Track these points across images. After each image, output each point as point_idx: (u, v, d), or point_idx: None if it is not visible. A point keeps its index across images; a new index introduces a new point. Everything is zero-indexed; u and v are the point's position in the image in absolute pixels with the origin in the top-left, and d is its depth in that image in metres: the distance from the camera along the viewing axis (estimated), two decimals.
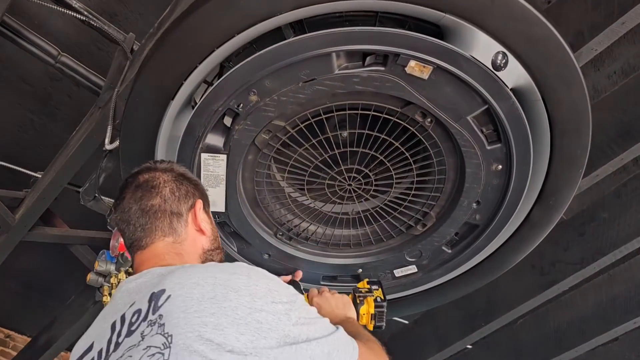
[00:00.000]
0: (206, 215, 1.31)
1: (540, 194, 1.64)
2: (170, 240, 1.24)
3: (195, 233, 1.27)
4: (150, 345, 0.99)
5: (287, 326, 1.01)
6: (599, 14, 1.81)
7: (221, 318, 0.97)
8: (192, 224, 1.28)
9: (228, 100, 1.42)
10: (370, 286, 1.65)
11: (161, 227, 1.24)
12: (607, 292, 2.66)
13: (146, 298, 1.06)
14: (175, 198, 1.27)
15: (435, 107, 1.42)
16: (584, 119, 1.49)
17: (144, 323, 1.03)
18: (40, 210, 2.34)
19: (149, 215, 1.25)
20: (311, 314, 1.09)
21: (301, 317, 1.04)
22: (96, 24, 2.08)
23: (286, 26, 1.39)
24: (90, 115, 2.17)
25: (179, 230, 1.25)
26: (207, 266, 1.13)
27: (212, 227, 1.32)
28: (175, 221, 1.25)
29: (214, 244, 1.30)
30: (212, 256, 1.28)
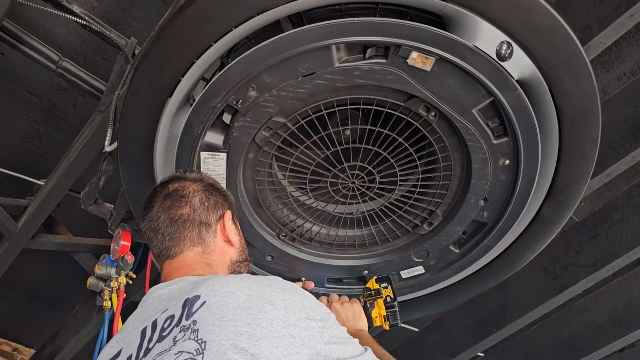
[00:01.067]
0: (234, 227, 1.33)
1: (550, 190, 1.59)
2: (199, 251, 1.25)
3: (224, 244, 1.28)
4: (182, 351, 0.98)
5: (320, 344, 1.00)
6: (607, 6, 1.77)
7: (256, 329, 0.96)
8: (220, 234, 1.28)
9: (226, 96, 1.39)
10: (379, 285, 1.63)
11: (190, 237, 1.25)
12: (622, 297, 2.59)
13: (180, 304, 1.05)
14: (204, 208, 1.28)
15: (439, 100, 1.39)
16: (593, 111, 1.44)
17: (176, 328, 1.02)
18: (43, 217, 2.32)
19: (177, 225, 1.26)
20: (343, 334, 1.09)
21: (333, 336, 1.04)
22: (97, 29, 2.07)
23: (285, 19, 1.37)
24: (92, 120, 2.15)
25: (208, 241, 1.26)
26: (242, 276, 1.13)
27: (240, 239, 1.33)
28: (204, 231, 1.26)
29: (241, 256, 1.31)
30: (239, 268, 1.29)
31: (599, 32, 1.78)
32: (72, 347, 2.79)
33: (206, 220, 1.27)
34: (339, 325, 1.10)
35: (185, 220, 1.26)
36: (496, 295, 2.59)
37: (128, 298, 2.42)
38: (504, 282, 2.05)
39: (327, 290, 1.82)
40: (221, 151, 1.50)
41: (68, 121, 3.17)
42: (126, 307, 2.35)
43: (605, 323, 2.61)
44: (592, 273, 2.34)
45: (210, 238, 1.26)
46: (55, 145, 3.25)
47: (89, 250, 2.56)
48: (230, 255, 1.29)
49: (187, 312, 1.03)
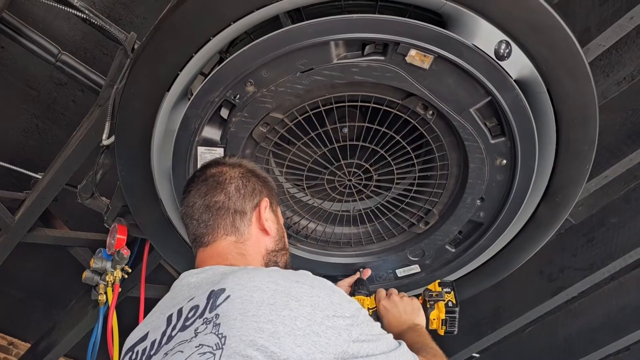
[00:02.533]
0: (273, 215, 1.29)
1: (547, 191, 1.59)
2: (232, 240, 1.22)
3: (259, 233, 1.25)
4: (202, 344, 0.97)
5: (347, 342, 0.98)
6: (607, 9, 1.77)
7: (279, 326, 0.94)
8: (256, 223, 1.26)
9: (224, 90, 1.39)
10: (441, 289, 1.59)
11: (224, 225, 1.23)
12: (617, 300, 2.60)
13: (205, 295, 1.04)
14: (240, 195, 1.25)
15: (436, 98, 1.39)
16: (591, 113, 1.45)
17: (199, 320, 1.01)
18: (40, 211, 2.32)
19: (212, 212, 1.24)
20: (374, 330, 1.06)
21: (363, 333, 1.02)
22: (97, 23, 2.07)
23: (284, 15, 1.36)
24: (90, 114, 2.15)
25: (242, 229, 1.23)
26: (270, 270, 1.11)
27: (279, 227, 1.30)
28: (238, 220, 1.23)
29: (278, 245, 1.28)
30: (276, 257, 1.26)
31: (598, 34, 1.79)
32: (67, 342, 2.79)
33: (241, 208, 1.24)
34: (370, 321, 1.07)
35: (219, 207, 1.23)
36: (492, 296, 2.58)
37: (123, 293, 2.42)
38: (499, 284, 2.05)
39: None
40: (218, 146, 1.50)
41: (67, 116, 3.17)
42: (122, 302, 2.35)
43: (600, 326, 2.61)
44: (588, 276, 2.34)
45: (245, 227, 1.23)
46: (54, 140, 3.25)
47: (85, 244, 2.56)
48: (266, 244, 1.26)
49: (212, 304, 1.01)
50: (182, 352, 0.99)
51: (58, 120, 3.22)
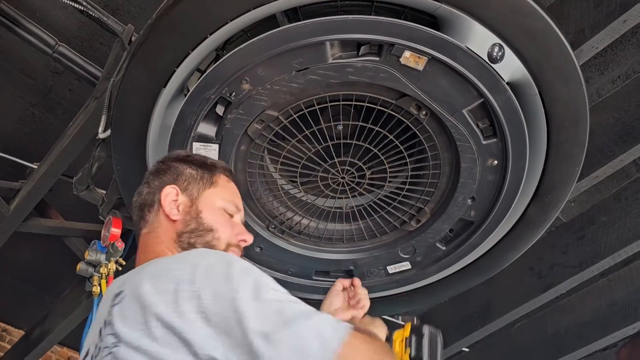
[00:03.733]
0: (187, 199, 1.27)
1: (537, 191, 1.62)
2: (145, 231, 1.26)
3: (166, 220, 1.25)
4: (106, 346, 1.00)
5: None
6: (601, 11, 1.79)
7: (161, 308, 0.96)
8: (162, 211, 1.26)
9: (220, 87, 1.40)
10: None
11: (139, 221, 1.28)
12: (605, 297, 2.63)
13: (109, 300, 1.08)
14: (149, 190, 1.29)
15: (430, 99, 1.41)
16: (581, 115, 1.47)
17: (107, 326, 1.05)
18: (35, 201, 2.33)
19: (134, 211, 1.31)
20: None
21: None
22: (94, 14, 2.07)
23: (280, 14, 1.37)
24: (86, 106, 2.16)
25: (151, 220, 1.26)
26: (161, 260, 1.12)
27: (191, 210, 1.26)
28: (147, 212, 1.27)
29: (189, 226, 1.24)
30: (190, 238, 1.23)
31: (592, 36, 1.80)
32: (61, 330, 2.80)
33: (150, 201, 1.27)
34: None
35: (136, 206, 1.30)
36: (482, 292, 2.62)
37: None
38: (490, 280, 2.08)
39: (315, 282, 1.84)
40: (213, 142, 1.52)
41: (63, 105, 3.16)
42: None
43: (589, 323, 2.65)
44: (577, 273, 2.37)
45: (153, 217, 1.26)
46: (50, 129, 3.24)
47: (80, 235, 2.57)
48: (176, 228, 1.24)
49: (112, 307, 1.05)
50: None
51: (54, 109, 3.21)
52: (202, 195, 1.29)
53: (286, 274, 1.82)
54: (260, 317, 0.91)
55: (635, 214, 2.28)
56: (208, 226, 1.25)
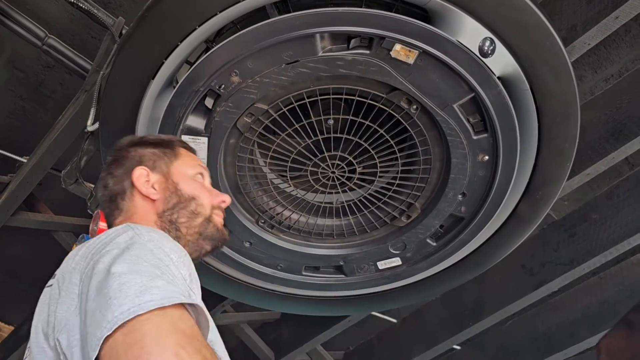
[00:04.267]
0: (160, 175, 1.25)
1: (527, 188, 1.61)
2: (120, 220, 1.23)
3: (144, 202, 1.22)
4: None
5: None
6: (593, 8, 1.78)
7: (64, 298, 0.97)
8: (138, 195, 1.23)
9: (209, 80, 1.39)
10: None
11: (112, 212, 1.25)
12: (597, 295, 2.63)
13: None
14: (115, 179, 1.26)
15: (420, 93, 1.40)
16: (572, 111, 1.46)
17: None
18: (24, 195, 2.31)
19: (104, 205, 1.27)
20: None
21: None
22: (85, 7, 2.05)
23: (270, 6, 1.36)
24: (76, 99, 2.14)
25: (125, 207, 1.23)
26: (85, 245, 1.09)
27: (168, 185, 1.24)
28: (120, 201, 1.24)
29: (170, 202, 1.22)
30: (172, 216, 1.21)
31: (584, 33, 1.79)
32: None
33: (120, 189, 1.24)
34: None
35: (105, 200, 1.27)
36: (474, 289, 2.61)
37: None
38: (481, 277, 2.08)
39: (305, 278, 1.83)
40: (202, 135, 1.50)
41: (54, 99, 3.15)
42: None
43: (580, 320, 2.65)
44: (568, 271, 2.36)
45: (128, 203, 1.23)
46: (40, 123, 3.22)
47: (69, 229, 2.56)
48: (156, 208, 1.22)
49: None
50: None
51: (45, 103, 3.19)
52: (172, 169, 1.28)
53: (275, 269, 1.81)
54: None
55: (626, 212, 2.28)
56: (189, 196, 1.24)
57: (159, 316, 0.81)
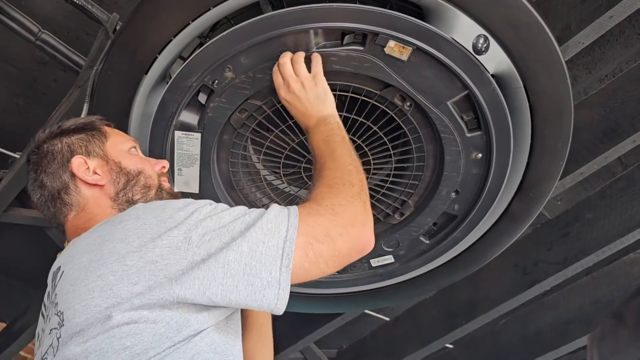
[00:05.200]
0: (98, 159, 1.23)
1: (520, 186, 1.61)
2: (73, 215, 1.19)
3: (93, 190, 1.20)
4: (52, 328, 0.98)
5: (190, 251, 0.94)
6: (587, 7, 1.79)
7: (109, 277, 0.92)
8: (83, 185, 1.20)
9: (202, 75, 1.38)
10: None
11: (59, 210, 1.20)
12: (589, 295, 2.65)
13: (50, 280, 1.05)
14: (51, 176, 1.21)
15: (414, 90, 1.39)
16: (566, 110, 1.46)
17: (50, 306, 1.02)
18: (16, 191, 2.29)
19: (45, 206, 1.22)
20: (219, 222, 0.98)
21: (205, 233, 0.95)
22: (79, 2, 2.04)
23: (264, 1, 1.36)
24: (69, 94, 2.13)
25: (75, 201, 1.19)
26: (98, 226, 1.07)
27: (110, 166, 1.22)
28: (65, 195, 1.19)
29: (120, 182, 1.21)
30: (126, 195, 1.20)
31: (578, 32, 1.80)
32: None
33: (60, 184, 1.19)
34: (212, 211, 1.00)
35: (45, 201, 1.21)
36: (467, 288, 2.62)
37: None
38: (474, 276, 2.08)
39: None
40: (196, 131, 1.50)
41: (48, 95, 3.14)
42: None
43: (572, 320, 2.66)
44: (561, 270, 2.37)
45: (75, 196, 1.19)
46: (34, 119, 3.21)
47: None
48: (107, 193, 1.19)
49: (53, 286, 1.02)
50: (45, 342, 1.00)
51: (39, 100, 3.18)
52: (107, 149, 1.25)
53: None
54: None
55: (619, 212, 2.28)
56: (135, 171, 1.23)
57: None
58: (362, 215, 1.10)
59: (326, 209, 1.06)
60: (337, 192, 1.11)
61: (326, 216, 1.05)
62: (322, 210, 1.06)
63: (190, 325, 0.94)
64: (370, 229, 1.10)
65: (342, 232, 1.03)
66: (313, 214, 1.05)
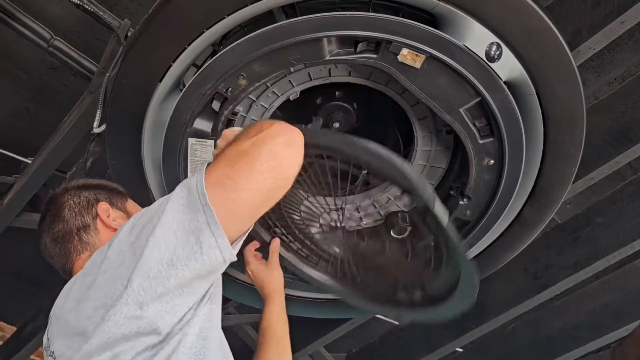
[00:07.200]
0: (120, 211, 1.31)
1: (532, 192, 1.61)
2: (86, 255, 1.23)
3: (111, 234, 1.22)
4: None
5: (130, 258, 0.98)
6: (599, 12, 1.79)
7: (86, 294, 1.00)
8: (102, 228, 1.26)
9: (217, 83, 1.39)
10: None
11: (74, 248, 1.24)
12: (600, 299, 2.64)
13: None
14: (74, 214, 1.27)
15: (427, 97, 1.40)
16: (578, 116, 1.46)
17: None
18: (28, 196, 2.31)
19: (59, 243, 1.26)
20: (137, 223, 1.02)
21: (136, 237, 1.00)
22: (90, 9, 2.06)
23: (278, 9, 1.37)
24: (81, 100, 2.14)
25: (91, 241, 1.24)
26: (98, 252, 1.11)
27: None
28: (84, 235, 1.25)
29: None
30: None
31: (589, 37, 1.80)
32: None
33: (82, 223, 1.26)
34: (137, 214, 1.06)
35: (63, 235, 1.25)
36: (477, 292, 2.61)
37: None
38: (485, 280, 2.07)
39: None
40: (209, 138, 1.51)
41: (58, 100, 3.15)
42: None
43: (583, 324, 2.65)
44: (572, 275, 2.36)
45: (93, 237, 1.25)
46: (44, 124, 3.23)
47: None
48: None
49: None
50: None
51: (49, 105, 3.19)
52: (127, 207, 1.34)
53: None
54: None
55: (630, 216, 2.28)
56: None
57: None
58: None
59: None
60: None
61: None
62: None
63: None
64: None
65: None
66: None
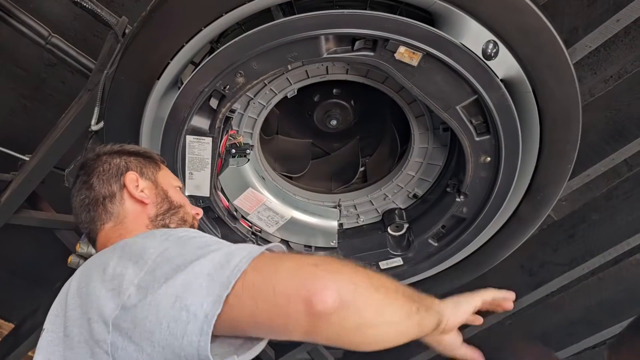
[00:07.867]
0: (149, 182, 1.27)
1: (528, 189, 1.62)
2: (110, 225, 1.22)
3: (136, 205, 1.23)
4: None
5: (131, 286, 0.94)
6: (595, 10, 1.79)
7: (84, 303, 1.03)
8: (128, 198, 1.23)
9: (214, 81, 1.40)
10: None
11: (99, 216, 1.23)
12: (595, 296, 2.64)
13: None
14: (102, 182, 1.25)
15: (424, 94, 1.41)
16: (574, 114, 1.47)
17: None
18: (26, 193, 2.31)
19: (86, 209, 1.25)
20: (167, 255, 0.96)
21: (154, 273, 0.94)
22: (88, 6, 2.06)
23: (275, 7, 1.37)
24: (79, 98, 2.14)
25: (116, 212, 1.22)
26: (110, 249, 1.09)
27: (158, 191, 1.27)
28: (109, 204, 1.23)
29: (162, 207, 1.25)
30: (164, 220, 1.23)
31: (585, 35, 1.80)
32: None
33: (108, 192, 1.23)
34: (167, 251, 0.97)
35: (89, 202, 1.24)
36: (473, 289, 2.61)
37: None
38: (481, 277, 2.08)
39: None
40: (207, 135, 1.51)
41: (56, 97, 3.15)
42: None
43: (579, 320, 2.65)
44: (568, 271, 2.37)
45: (118, 207, 1.22)
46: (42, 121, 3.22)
47: (71, 227, 2.56)
48: (147, 213, 1.23)
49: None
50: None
51: (46, 101, 3.19)
52: (158, 177, 1.30)
53: None
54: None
55: (625, 213, 2.28)
56: (178, 203, 1.27)
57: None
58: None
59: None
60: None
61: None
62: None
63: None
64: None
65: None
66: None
